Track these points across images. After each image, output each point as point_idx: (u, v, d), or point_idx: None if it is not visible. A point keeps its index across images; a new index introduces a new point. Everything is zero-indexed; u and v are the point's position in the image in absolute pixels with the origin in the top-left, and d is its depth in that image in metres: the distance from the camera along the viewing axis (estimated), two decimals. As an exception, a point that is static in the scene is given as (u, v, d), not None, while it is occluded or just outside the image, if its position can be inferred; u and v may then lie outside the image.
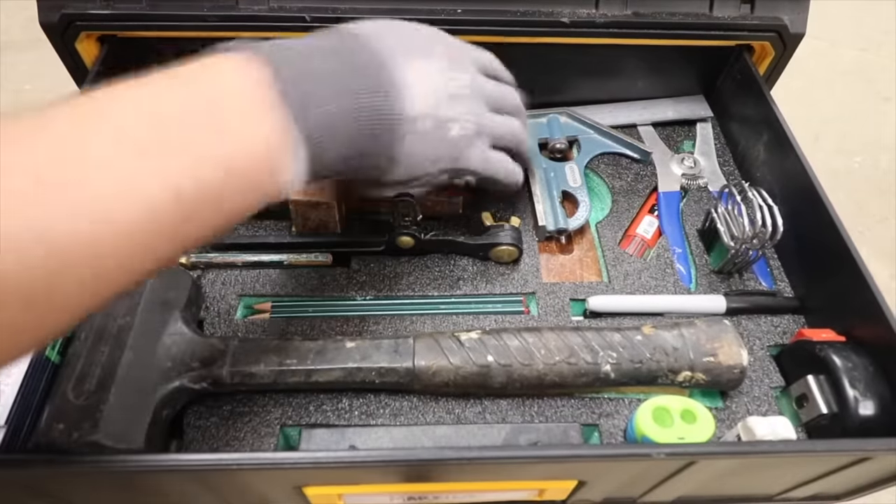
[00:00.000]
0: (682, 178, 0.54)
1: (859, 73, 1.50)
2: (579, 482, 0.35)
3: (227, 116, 0.27)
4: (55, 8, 0.48)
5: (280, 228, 0.49)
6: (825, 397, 0.38)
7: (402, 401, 0.40)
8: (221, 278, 0.46)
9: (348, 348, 0.39)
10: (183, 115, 0.26)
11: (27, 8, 0.51)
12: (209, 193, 0.26)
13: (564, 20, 0.50)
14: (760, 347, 0.43)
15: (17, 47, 1.40)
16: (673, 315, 0.45)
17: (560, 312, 0.45)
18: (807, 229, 0.45)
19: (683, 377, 0.39)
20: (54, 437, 0.33)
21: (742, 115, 0.55)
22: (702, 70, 0.58)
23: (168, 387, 0.36)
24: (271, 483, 0.34)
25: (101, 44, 0.51)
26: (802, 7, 0.51)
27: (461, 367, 0.38)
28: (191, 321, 0.40)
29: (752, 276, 0.47)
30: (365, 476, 0.34)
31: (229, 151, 0.27)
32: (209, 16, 0.48)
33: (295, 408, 0.40)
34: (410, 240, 0.46)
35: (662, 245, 0.49)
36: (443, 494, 0.38)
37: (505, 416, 0.40)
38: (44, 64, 0.47)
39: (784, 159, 0.48)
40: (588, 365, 0.39)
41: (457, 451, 0.31)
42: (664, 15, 0.51)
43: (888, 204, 1.24)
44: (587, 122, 0.57)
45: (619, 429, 0.39)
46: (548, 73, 0.43)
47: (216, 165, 0.26)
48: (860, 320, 0.40)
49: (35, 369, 0.37)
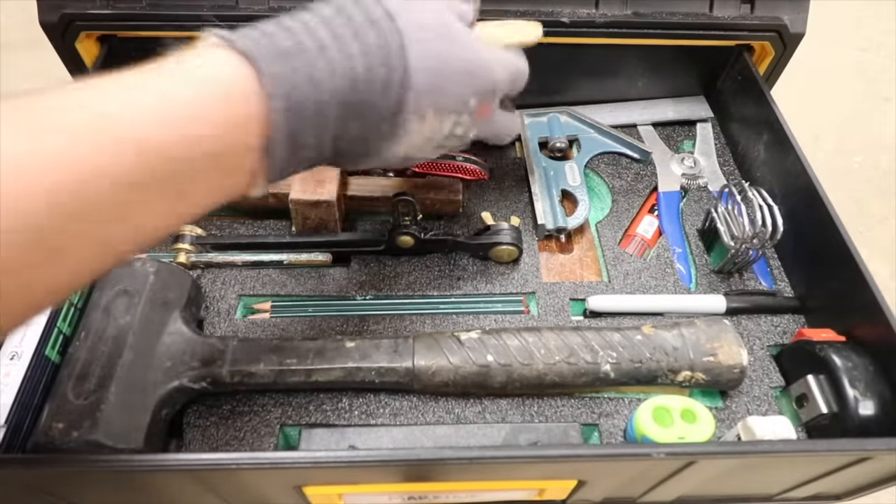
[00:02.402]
0: (682, 178, 0.54)
1: (859, 73, 1.50)
2: (579, 482, 0.35)
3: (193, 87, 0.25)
4: (55, 8, 0.48)
5: (280, 228, 0.50)
6: (825, 397, 0.38)
7: (402, 401, 0.40)
8: (221, 278, 0.46)
9: (348, 348, 0.39)
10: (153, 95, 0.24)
11: (27, 8, 0.51)
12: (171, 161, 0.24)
13: (564, 20, 0.50)
14: (760, 347, 0.43)
15: (17, 47, 1.40)
16: (673, 315, 0.45)
17: (560, 312, 0.45)
18: (807, 229, 0.45)
19: (683, 377, 0.39)
20: (54, 436, 0.33)
21: (742, 115, 0.55)
22: (702, 70, 0.58)
23: (168, 386, 0.36)
24: (271, 483, 0.34)
25: (101, 44, 0.51)
26: (802, 7, 0.51)
27: (461, 366, 0.38)
28: (191, 321, 0.40)
29: (752, 276, 0.47)
30: (365, 476, 0.34)
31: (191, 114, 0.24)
32: (209, 16, 0.48)
33: (295, 407, 0.40)
34: (410, 239, 0.46)
35: (662, 245, 0.49)
36: (443, 494, 0.38)
37: (505, 416, 0.40)
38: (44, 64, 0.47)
39: (784, 159, 0.48)
40: (588, 365, 0.38)
41: (457, 451, 0.31)
42: (664, 15, 0.51)
43: (888, 204, 1.24)
44: (587, 121, 0.57)
45: (619, 429, 0.39)
46: (548, 73, 0.43)
47: (177, 129, 0.24)
48: (860, 320, 0.40)
49: (35, 369, 0.37)
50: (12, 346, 0.37)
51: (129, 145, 0.23)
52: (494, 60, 0.34)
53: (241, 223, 0.50)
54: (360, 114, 0.29)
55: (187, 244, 0.46)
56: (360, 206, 0.49)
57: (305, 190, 0.45)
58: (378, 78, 0.28)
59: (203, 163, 0.25)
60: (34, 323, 0.38)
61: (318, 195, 0.45)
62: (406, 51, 0.29)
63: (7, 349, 0.37)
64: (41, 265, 0.22)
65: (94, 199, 0.22)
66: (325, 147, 0.29)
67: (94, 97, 0.23)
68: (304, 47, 0.27)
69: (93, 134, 0.22)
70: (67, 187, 0.21)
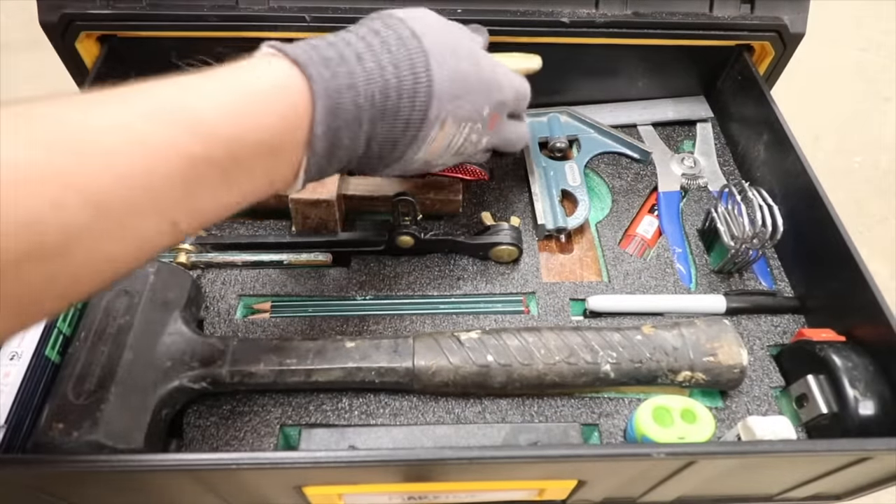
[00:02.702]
0: (682, 178, 0.54)
1: (859, 73, 1.50)
2: (579, 482, 0.35)
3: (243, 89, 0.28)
4: (55, 8, 0.48)
5: (280, 228, 0.50)
6: (825, 397, 0.38)
7: (401, 401, 0.40)
8: (221, 278, 0.46)
9: (348, 348, 0.39)
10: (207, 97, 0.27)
11: (27, 8, 0.51)
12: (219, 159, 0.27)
13: (564, 20, 0.50)
14: (760, 347, 0.43)
15: (17, 47, 1.40)
16: (673, 315, 0.45)
17: (560, 312, 0.45)
18: (807, 229, 0.45)
19: (683, 377, 0.39)
20: (54, 436, 0.33)
21: (742, 115, 0.55)
22: (702, 70, 0.58)
23: (168, 386, 0.36)
24: (271, 483, 0.34)
25: (101, 44, 0.51)
26: (802, 7, 0.51)
27: (461, 366, 0.38)
28: (191, 321, 0.40)
29: (752, 276, 0.47)
30: (365, 476, 0.34)
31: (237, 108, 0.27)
32: (209, 15, 0.48)
33: (295, 407, 0.40)
34: (410, 239, 0.46)
35: (662, 245, 0.49)
36: (443, 494, 0.38)
37: (505, 416, 0.40)
38: (44, 64, 0.47)
39: (784, 159, 0.48)
40: (588, 365, 0.38)
41: (457, 451, 0.31)
42: (664, 15, 0.51)
43: (888, 204, 1.24)
44: (587, 121, 0.57)
45: (619, 429, 0.39)
46: (548, 73, 0.43)
47: (224, 123, 0.27)
48: (860, 320, 0.40)
49: (35, 369, 0.37)
50: (12, 346, 0.37)
51: (201, 132, 0.26)
52: (505, 77, 0.39)
53: (241, 223, 0.50)
54: (389, 118, 0.33)
55: (187, 244, 0.46)
56: (360, 206, 0.49)
57: (305, 190, 0.45)
58: (406, 87, 0.33)
59: (261, 154, 0.28)
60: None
61: (318, 195, 0.45)
62: (430, 64, 0.33)
63: (7, 349, 0.37)
64: (107, 237, 0.24)
65: (164, 177, 0.25)
66: (358, 147, 0.33)
67: (173, 89, 0.27)
68: (344, 57, 0.31)
69: (172, 119, 0.25)
70: (141, 165, 0.24)
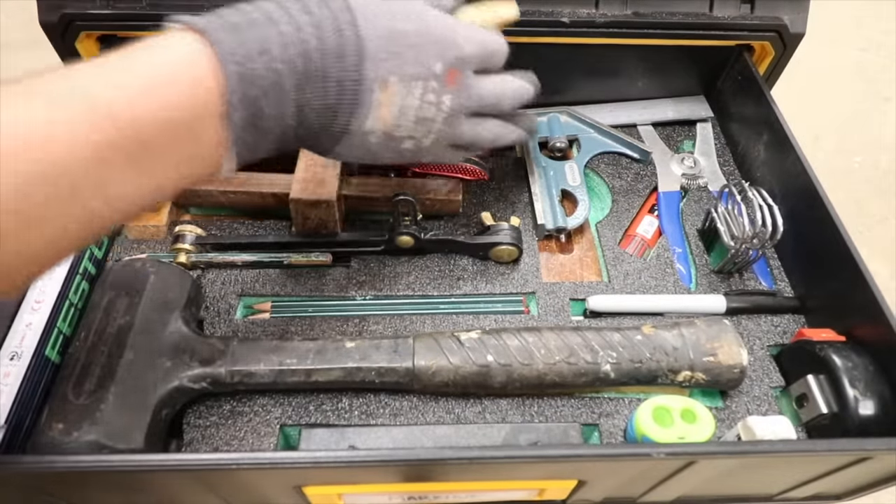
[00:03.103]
0: (682, 178, 0.54)
1: (859, 73, 1.50)
2: (579, 482, 0.35)
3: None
4: (55, 8, 0.48)
5: (280, 228, 0.50)
6: (825, 397, 0.38)
7: (401, 401, 0.40)
8: (221, 278, 0.46)
9: (348, 348, 0.39)
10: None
11: (27, 8, 0.51)
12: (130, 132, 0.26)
13: (564, 20, 0.50)
14: (760, 347, 0.43)
15: (17, 47, 1.40)
16: (673, 315, 0.45)
17: (560, 312, 0.45)
18: (807, 229, 0.45)
19: (683, 377, 0.39)
20: (54, 436, 0.33)
21: (742, 115, 0.55)
22: (702, 70, 0.58)
23: (168, 386, 0.36)
24: (271, 483, 0.34)
25: (101, 44, 0.51)
26: (802, 7, 0.51)
27: (461, 366, 0.38)
28: (191, 321, 0.40)
29: (752, 276, 0.47)
30: (365, 476, 0.34)
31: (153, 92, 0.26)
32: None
33: (295, 407, 0.40)
34: (410, 239, 0.46)
35: (662, 245, 0.49)
36: (443, 494, 0.38)
37: (505, 416, 0.40)
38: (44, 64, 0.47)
39: (784, 159, 0.48)
40: (588, 365, 0.38)
41: (457, 451, 0.31)
42: (664, 15, 0.51)
43: (888, 204, 1.24)
44: (587, 121, 0.57)
45: (619, 428, 0.39)
46: (548, 73, 0.43)
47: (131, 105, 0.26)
48: (860, 320, 0.40)
49: (35, 369, 0.37)
50: (12, 346, 0.37)
51: (103, 116, 0.25)
52: (457, 29, 0.35)
53: (241, 223, 0.50)
54: (317, 81, 0.31)
55: (187, 244, 0.45)
56: (360, 206, 0.49)
57: (305, 190, 0.45)
58: (329, 47, 0.30)
59: (172, 132, 0.27)
60: (34, 323, 0.38)
61: (318, 195, 0.45)
62: (356, 21, 0.31)
63: (7, 349, 0.37)
64: (19, 234, 0.23)
65: (71, 169, 0.24)
66: (287, 117, 0.31)
67: (69, 75, 0.26)
68: (253, 21, 0.29)
69: (69, 106, 0.24)
70: (47, 157, 0.23)
